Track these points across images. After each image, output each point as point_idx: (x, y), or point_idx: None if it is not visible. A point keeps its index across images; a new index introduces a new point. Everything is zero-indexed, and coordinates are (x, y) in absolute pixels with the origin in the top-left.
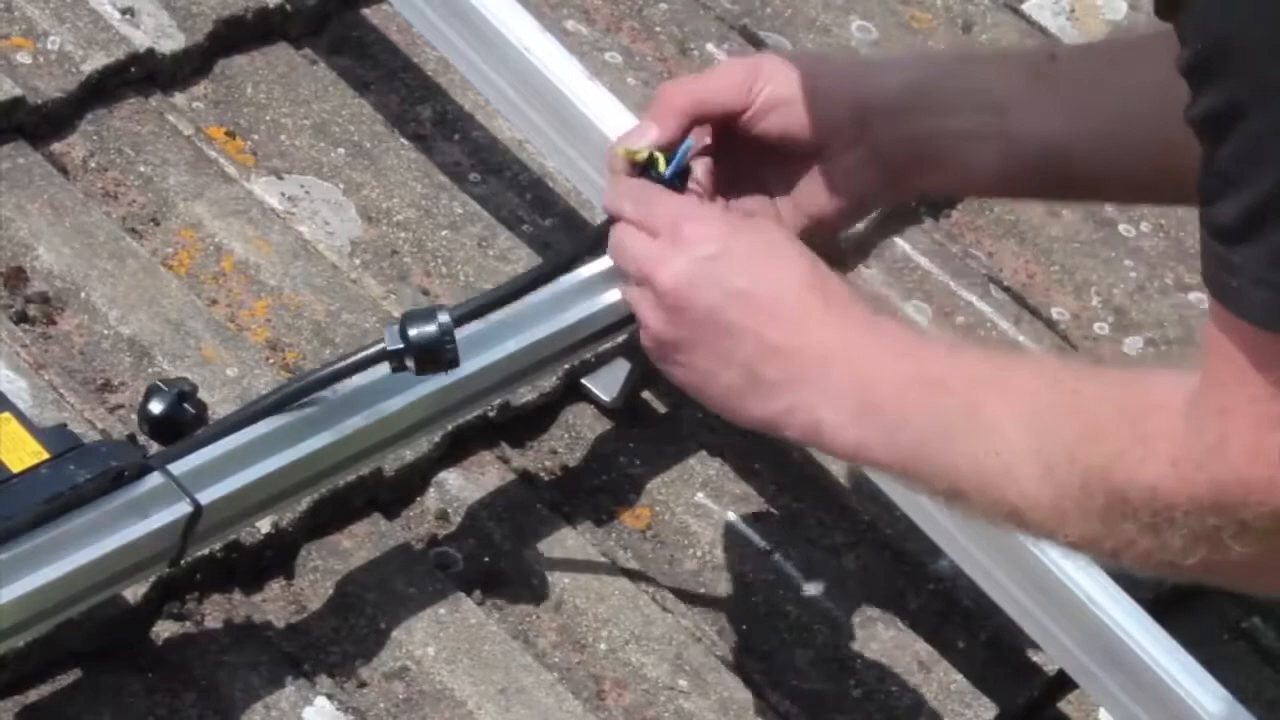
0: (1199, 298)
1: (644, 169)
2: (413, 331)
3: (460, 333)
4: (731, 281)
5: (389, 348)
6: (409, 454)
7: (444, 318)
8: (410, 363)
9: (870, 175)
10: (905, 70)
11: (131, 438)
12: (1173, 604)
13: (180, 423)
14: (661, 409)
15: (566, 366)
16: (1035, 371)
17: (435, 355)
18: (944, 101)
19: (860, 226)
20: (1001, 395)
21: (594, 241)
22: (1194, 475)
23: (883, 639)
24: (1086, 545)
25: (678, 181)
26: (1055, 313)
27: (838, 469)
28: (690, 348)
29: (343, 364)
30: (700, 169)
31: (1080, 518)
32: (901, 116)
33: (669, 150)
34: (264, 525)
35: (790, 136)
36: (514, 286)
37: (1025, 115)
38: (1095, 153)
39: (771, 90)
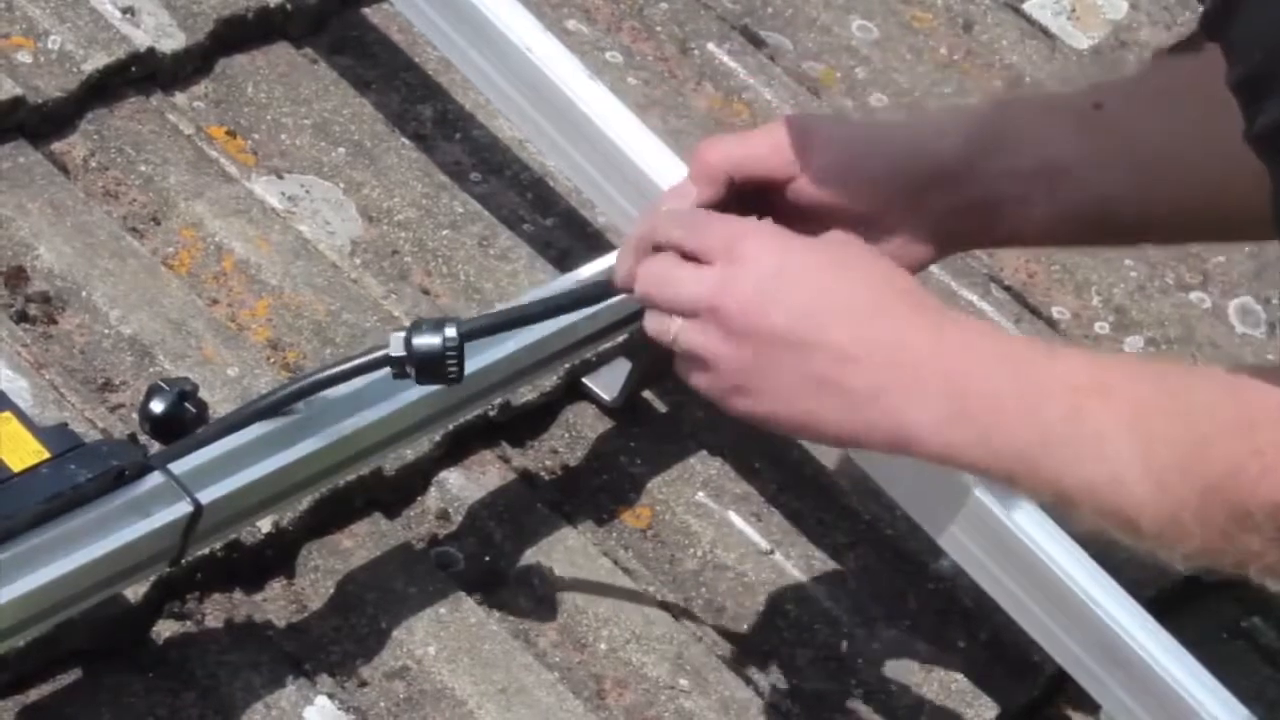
0: (1200, 297)
1: None
2: (418, 341)
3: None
4: (802, 295)
5: (392, 354)
6: (410, 453)
7: (450, 332)
8: (411, 371)
9: (922, 242)
10: (955, 136)
11: (132, 437)
12: (1173, 603)
13: (181, 422)
14: (662, 408)
15: (567, 366)
16: (1138, 373)
17: (437, 369)
18: (997, 168)
19: None
20: (1104, 401)
21: (604, 289)
22: None
23: (883, 638)
24: (1207, 558)
25: None
26: (1056, 312)
27: (838, 469)
28: (763, 374)
29: (343, 367)
30: None
31: (1200, 530)
32: (955, 186)
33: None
34: (265, 525)
35: (840, 209)
36: (531, 311)
37: (1077, 174)
38: (1143, 201)
39: (821, 162)
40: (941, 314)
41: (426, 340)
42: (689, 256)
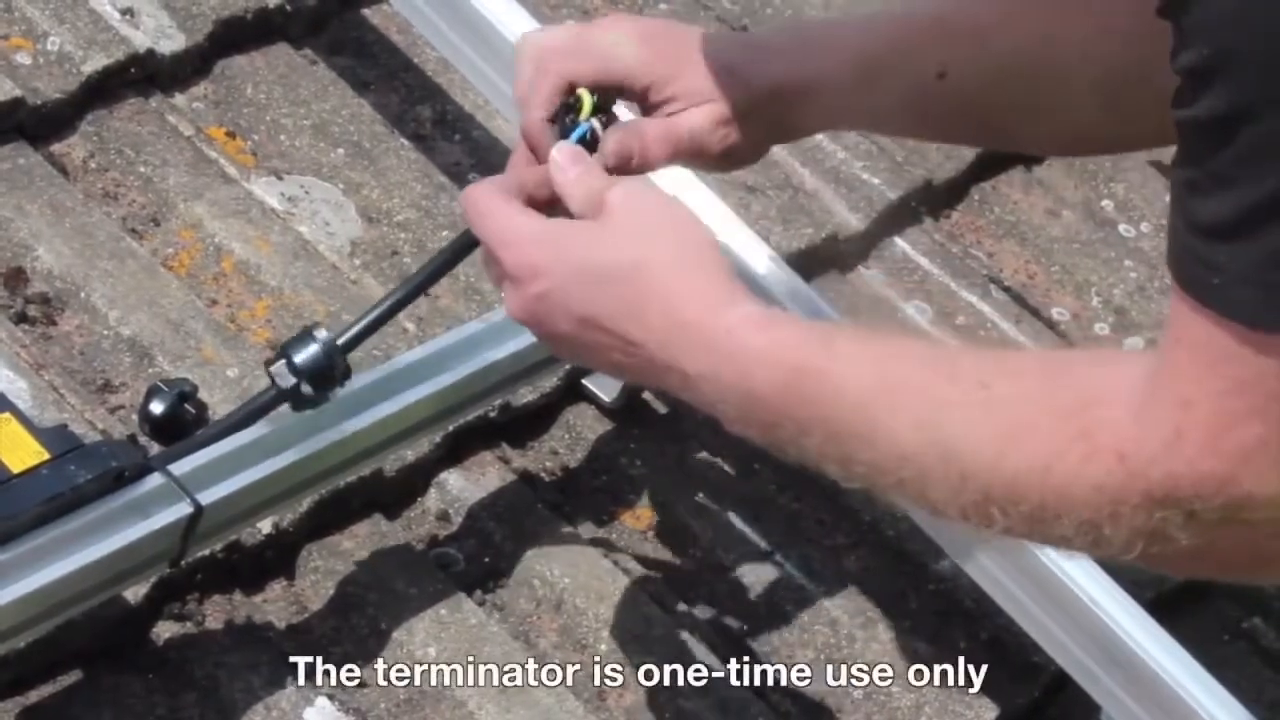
0: None
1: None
2: (299, 358)
3: (464, 331)
4: (572, 311)
5: (283, 385)
6: (410, 454)
7: (321, 334)
8: (308, 389)
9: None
10: (797, 69)
11: (132, 438)
12: (1173, 604)
13: (181, 423)
14: (662, 409)
15: (567, 367)
16: (930, 367)
17: (329, 374)
18: (824, 118)
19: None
20: (892, 399)
21: (469, 244)
22: (1145, 469)
23: (883, 639)
24: (1014, 539)
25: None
26: (1056, 313)
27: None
28: (559, 349)
29: (240, 415)
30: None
31: (1005, 520)
32: (783, 110)
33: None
34: (265, 526)
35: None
36: (398, 299)
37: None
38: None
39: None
40: (719, 307)
41: (306, 353)
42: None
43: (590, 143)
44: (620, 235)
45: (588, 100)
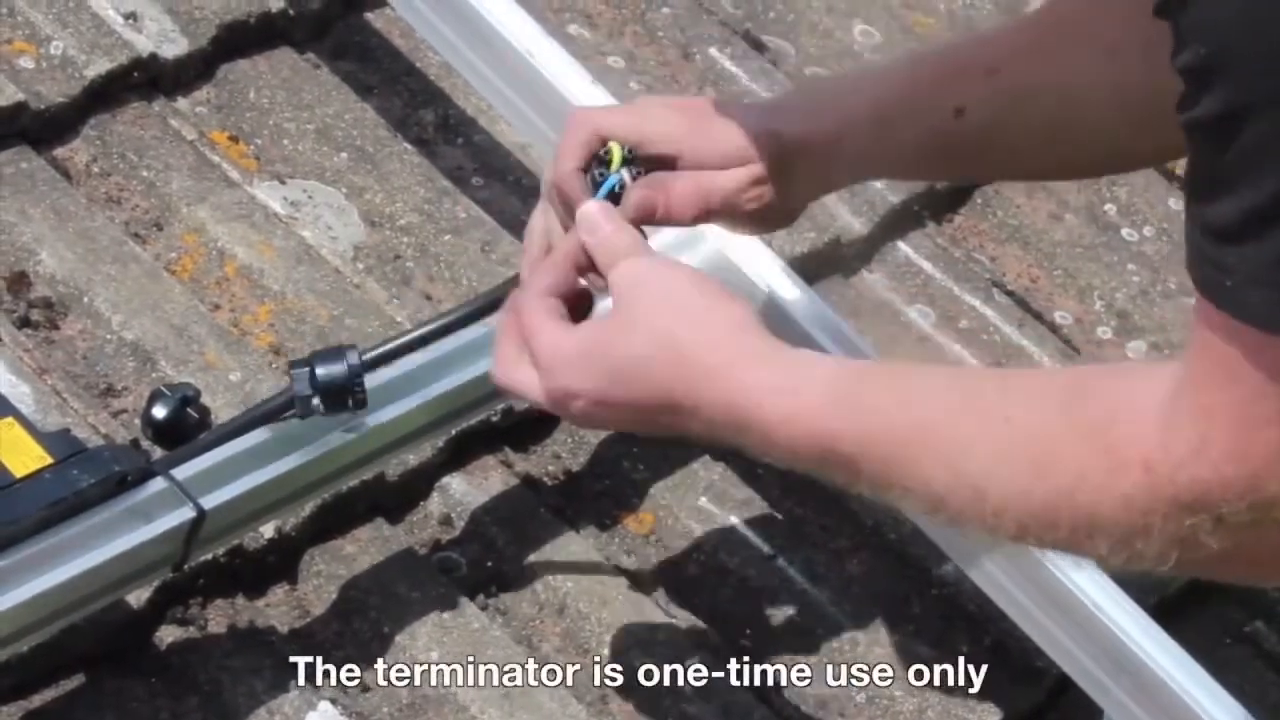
0: None
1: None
2: (321, 371)
3: (463, 336)
4: (614, 411)
5: (299, 392)
6: (412, 459)
7: (353, 358)
8: (318, 403)
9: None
10: (820, 123)
11: (135, 442)
12: (1176, 608)
13: (183, 427)
14: None
15: None
16: (953, 406)
17: (342, 395)
18: (850, 171)
19: None
20: (921, 446)
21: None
22: (1174, 476)
23: (886, 644)
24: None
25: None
26: (1059, 317)
27: None
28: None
29: (251, 415)
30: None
31: (1042, 545)
32: (812, 166)
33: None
34: (267, 530)
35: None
36: (430, 330)
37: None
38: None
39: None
40: (735, 380)
41: (330, 369)
42: None
43: (620, 196)
44: (636, 327)
45: (618, 152)
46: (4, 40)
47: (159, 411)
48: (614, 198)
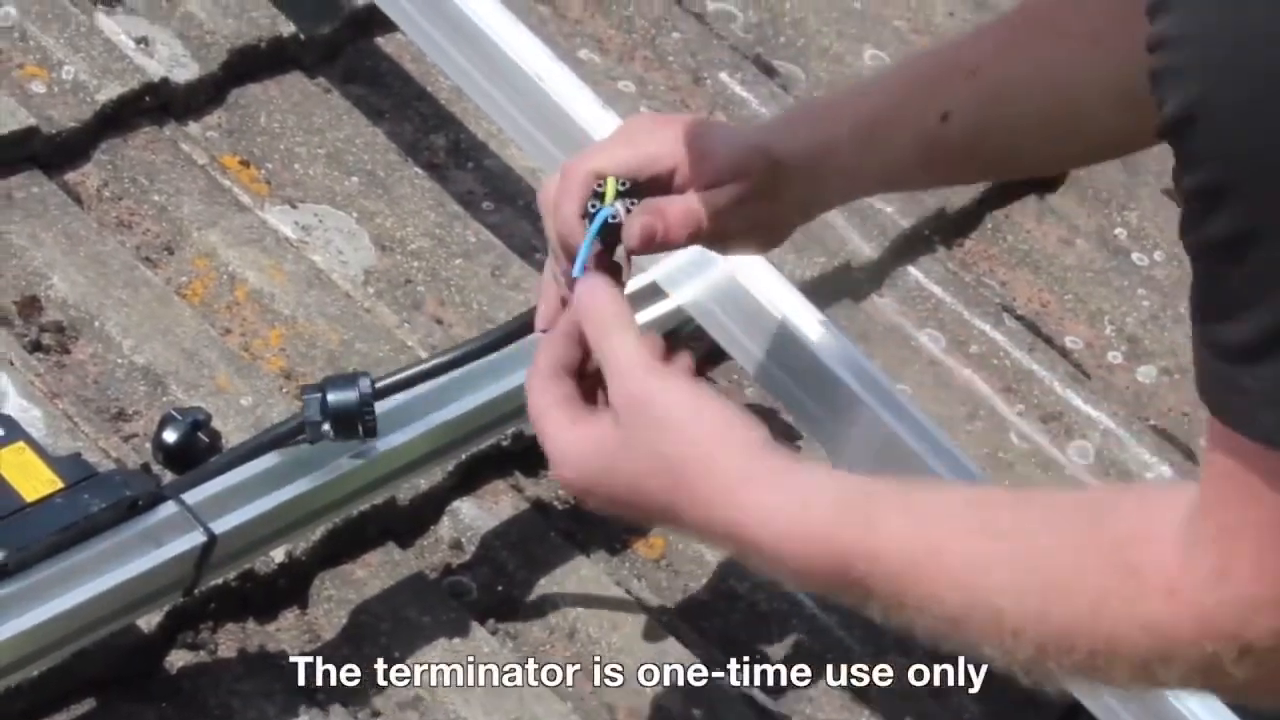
0: None
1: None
2: (333, 398)
3: (480, 361)
4: (624, 509)
5: (309, 416)
6: (423, 483)
7: (365, 385)
8: (328, 429)
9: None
10: (807, 138)
11: (145, 467)
12: None
13: (194, 452)
14: None
15: None
16: (970, 527)
17: (353, 422)
18: (841, 186)
19: None
20: (936, 567)
21: (524, 326)
22: (1198, 600)
23: (897, 667)
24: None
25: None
26: (1069, 341)
27: None
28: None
29: (260, 441)
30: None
31: (1061, 670)
32: (802, 182)
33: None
34: (278, 554)
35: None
36: (443, 361)
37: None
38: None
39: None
40: (756, 495)
41: (342, 395)
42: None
43: (615, 228)
44: (636, 449)
45: (611, 185)
46: (16, 65)
47: (170, 436)
48: (612, 231)
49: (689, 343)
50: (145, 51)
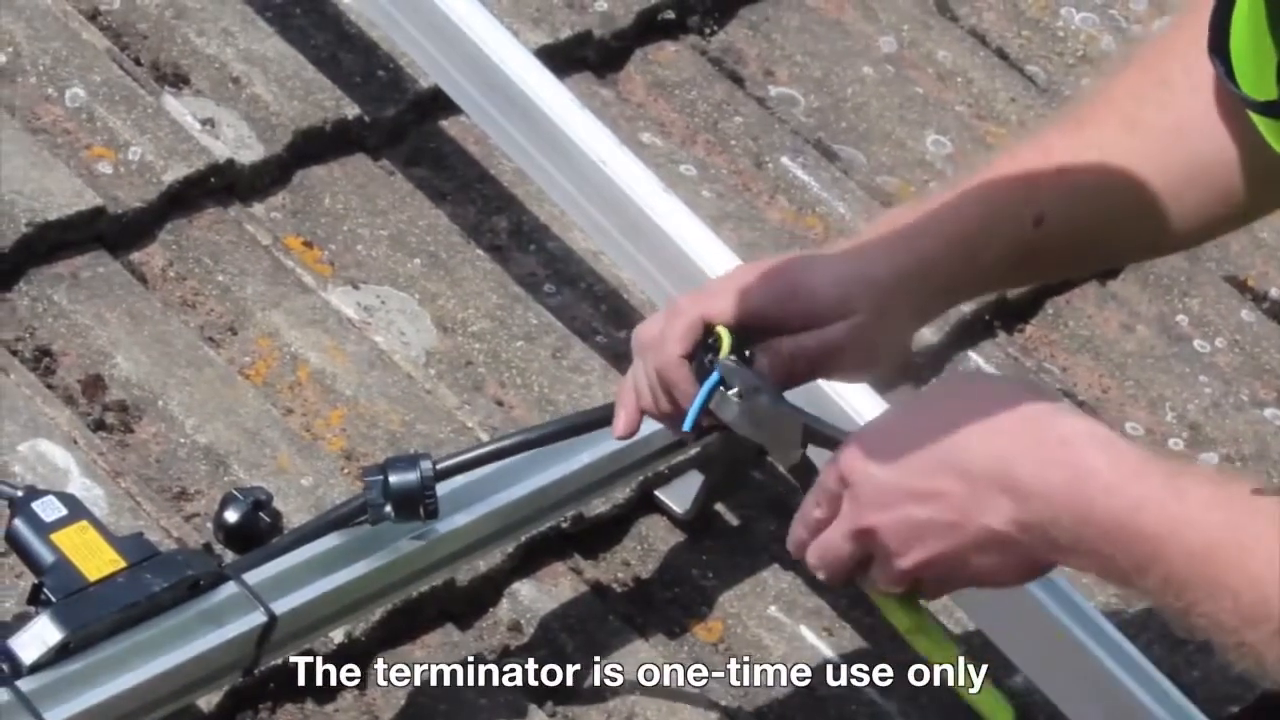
0: (1274, 413)
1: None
2: (395, 479)
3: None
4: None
5: (371, 498)
6: (482, 565)
7: (426, 466)
8: (389, 510)
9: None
10: (904, 261)
11: (207, 546)
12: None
13: (255, 532)
14: (734, 521)
15: (640, 478)
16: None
17: (414, 503)
18: (940, 302)
19: None
20: (1241, 556)
21: (598, 420)
22: None
23: None
24: None
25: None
26: (1129, 428)
27: None
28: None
29: (322, 522)
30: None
31: None
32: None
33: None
34: (337, 635)
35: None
36: (506, 446)
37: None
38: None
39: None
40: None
41: (403, 477)
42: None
43: (725, 382)
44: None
45: (726, 338)
46: (84, 145)
47: (231, 515)
48: (723, 384)
49: None
50: (211, 133)
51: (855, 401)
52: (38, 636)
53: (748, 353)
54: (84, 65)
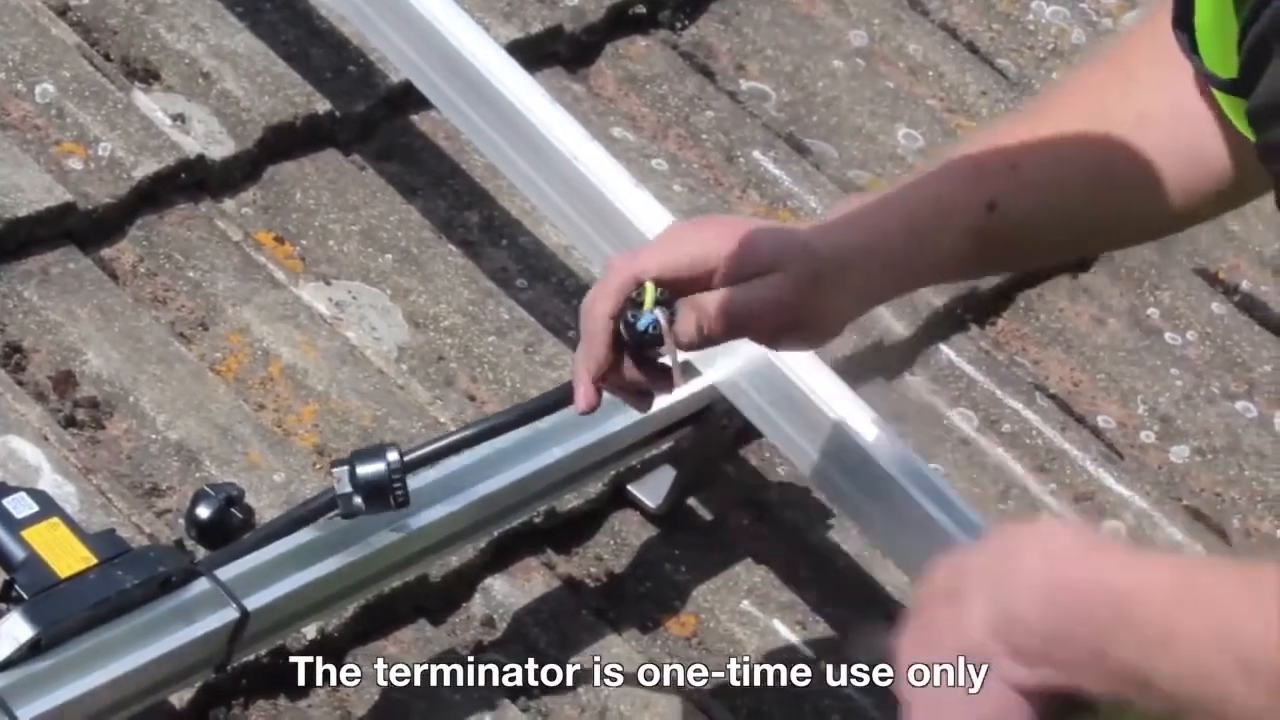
0: (1246, 406)
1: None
2: (362, 470)
3: (506, 438)
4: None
5: (339, 490)
6: (455, 560)
7: (392, 456)
8: (359, 502)
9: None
10: (854, 234)
11: (179, 543)
12: None
13: (227, 528)
14: (707, 516)
15: (612, 473)
16: (1231, 574)
17: (384, 494)
18: (893, 280)
19: None
20: (1195, 603)
21: (560, 400)
22: None
23: None
24: None
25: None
26: (1101, 421)
27: (885, 578)
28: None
29: (294, 516)
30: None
31: None
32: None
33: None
34: (310, 631)
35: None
36: (471, 434)
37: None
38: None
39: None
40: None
41: (371, 467)
42: None
43: (655, 335)
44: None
45: (650, 291)
46: (53, 141)
47: (203, 511)
48: (653, 337)
49: (723, 417)
50: (182, 128)
51: (819, 387)
52: (9, 633)
53: (671, 313)
54: (53, 61)
